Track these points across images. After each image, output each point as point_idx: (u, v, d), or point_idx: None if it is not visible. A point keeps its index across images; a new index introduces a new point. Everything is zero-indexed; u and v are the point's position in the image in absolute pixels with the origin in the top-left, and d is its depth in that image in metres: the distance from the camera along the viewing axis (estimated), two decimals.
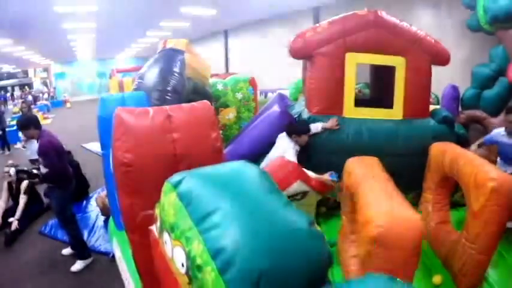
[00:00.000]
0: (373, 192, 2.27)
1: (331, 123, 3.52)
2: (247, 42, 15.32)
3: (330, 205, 3.78)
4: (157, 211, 1.41)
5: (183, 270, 1.09)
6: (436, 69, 3.74)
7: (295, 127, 3.50)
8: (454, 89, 6.37)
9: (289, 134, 3.45)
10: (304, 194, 2.89)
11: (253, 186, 1.21)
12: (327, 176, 3.10)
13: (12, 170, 4.28)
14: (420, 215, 2.05)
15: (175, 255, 1.15)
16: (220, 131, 5.98)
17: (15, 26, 10.19)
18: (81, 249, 3.89)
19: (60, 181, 3.62)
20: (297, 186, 2.79)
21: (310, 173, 3.06)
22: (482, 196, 2.47)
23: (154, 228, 1.50)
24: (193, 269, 1.03)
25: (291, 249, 1.00)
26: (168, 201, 1.25)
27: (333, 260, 1.07)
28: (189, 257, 1.05)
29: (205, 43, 18.24)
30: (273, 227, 1.03)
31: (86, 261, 3.85)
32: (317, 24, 3.79)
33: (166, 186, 1.30)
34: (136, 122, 2.07)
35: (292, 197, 2.82)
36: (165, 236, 1.24)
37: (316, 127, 3.52)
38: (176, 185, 1.25)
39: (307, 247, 1.03)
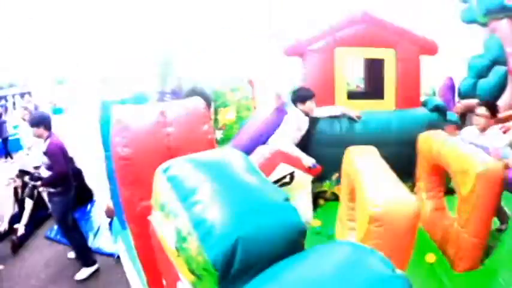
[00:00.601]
0: (372, 177, 2.37)
1: (354, 112, 3.59)
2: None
3: (327, 197, 3.85)
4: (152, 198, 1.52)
5: (172, 245, 1.20)
6: (434, 62, 3.82)
7: (297, 93, 3.52)
8: (450, 80, 6.46)
9: (294, 103, 3.50)
10: (291, 175, 3.03)
11: (234, 167, 1.32)
12: (308, 161, 3.22)
13: (15, 166, 4.39)
14: (415, 197, 2.13)
15: (166, 232, 1.25)
16: (221, 131, 6.08)
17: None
18: (85, 257, 3.88)
19: (62, 185, 3.64)
20: (281, 167, 3.00)
21: (294, 149, 3.22)
22: (469, 181, 2.53)
23: (152, 218, 1.60)
24: (180, 240, 1.14)
25: (266, 219, 1.10)
26: (159, 184, 1.36)
27: (306, 231, 1.17)
28: (177, 231, 1.16)
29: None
30: (250, 200, 1.14)
31: (90, 269, 3.84)
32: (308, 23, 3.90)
33: (158, 171, 1.42)
34: (133, 118, 2.18)
35: (282, 181, 2.95)
36: (158, 215, 1.35)
37: (334, 109, 3.58)
38: (166, 170, 1.37)
39: (282, 218, 1.13)
